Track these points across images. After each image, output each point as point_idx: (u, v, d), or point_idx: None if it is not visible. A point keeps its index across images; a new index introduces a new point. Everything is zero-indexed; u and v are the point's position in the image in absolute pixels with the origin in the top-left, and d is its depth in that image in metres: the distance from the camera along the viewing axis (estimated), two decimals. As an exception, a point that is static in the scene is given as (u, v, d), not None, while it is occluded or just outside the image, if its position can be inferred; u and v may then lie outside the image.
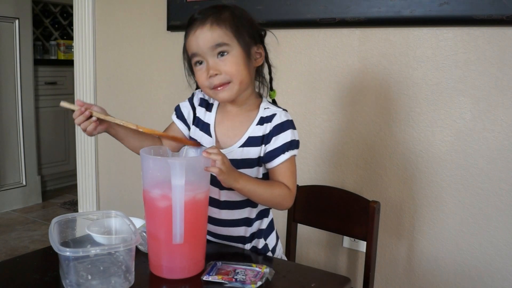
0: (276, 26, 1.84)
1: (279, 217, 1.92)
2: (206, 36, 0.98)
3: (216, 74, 0.99)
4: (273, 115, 1.05)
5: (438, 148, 1.59)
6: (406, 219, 1.67)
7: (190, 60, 1.05)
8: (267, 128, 1.04)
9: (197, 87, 1.12)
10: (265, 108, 1.07)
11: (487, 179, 1.52)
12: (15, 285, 0.85)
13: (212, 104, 1.13)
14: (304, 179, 1.84)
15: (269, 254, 1.15)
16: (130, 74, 2.35)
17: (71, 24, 3.84)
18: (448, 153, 1.58)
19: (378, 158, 1.70)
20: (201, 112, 1.12)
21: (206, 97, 1.12)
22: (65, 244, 0.88)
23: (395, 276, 1.72)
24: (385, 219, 1.69)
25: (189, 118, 1.14)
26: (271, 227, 1.17)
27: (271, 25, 1.83)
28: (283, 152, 1.03)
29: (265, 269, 0.90)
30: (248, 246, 1.13)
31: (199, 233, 0.93)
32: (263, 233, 1.14)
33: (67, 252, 0.78)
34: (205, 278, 0.88)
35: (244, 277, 0.88)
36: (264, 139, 1.04)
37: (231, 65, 0.99)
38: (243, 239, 1.12)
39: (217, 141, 1.09)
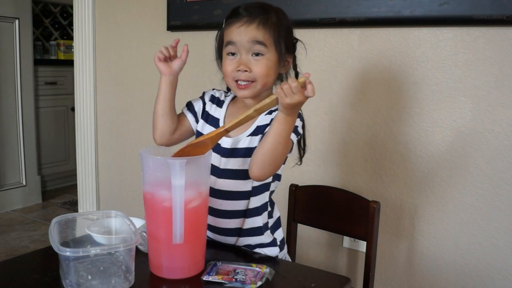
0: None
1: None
2: (251, 33, 1.02)
3: (245, 71, 1.03)
4: None
5: (438, 148, 1.59)
6: (406, 219, 1.67)
7: (222, 45, 1.09)
8: (274, 114, 1.06)
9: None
10: None
11: (487, 179, 1.52)
12: (15, 285, 0.85)
13: (223, 101, 1.17)
14: (305, 179, 1.84)
15: (276, 248, 1.15)
16: (130, 74, 2.35)
17: (71, 24, 3.83)
18: (448, 153, 1.58)
19: (378, 158, 1.70)
20: (211, 107, 1.16)
21: (217, 95, 1.18)
22: (65, 244, 0.88)
23: (395, 276, 1.72)
24: (385, 219, 1.69)
25: (199, 112, 1.18)
26: (279, 222, 1.20)
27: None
28: None
29: (265, 269, 0.90)
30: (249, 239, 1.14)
31: (199, 233, 0.93)
32: (273, 228, 1.17)
33: (67, 252, 0.78)
34: (205, 278, 0.88)
35: (244, 277, 0.88)
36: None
37: (262, 67, 1.03)
38: (238, 232, 1.13)
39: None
